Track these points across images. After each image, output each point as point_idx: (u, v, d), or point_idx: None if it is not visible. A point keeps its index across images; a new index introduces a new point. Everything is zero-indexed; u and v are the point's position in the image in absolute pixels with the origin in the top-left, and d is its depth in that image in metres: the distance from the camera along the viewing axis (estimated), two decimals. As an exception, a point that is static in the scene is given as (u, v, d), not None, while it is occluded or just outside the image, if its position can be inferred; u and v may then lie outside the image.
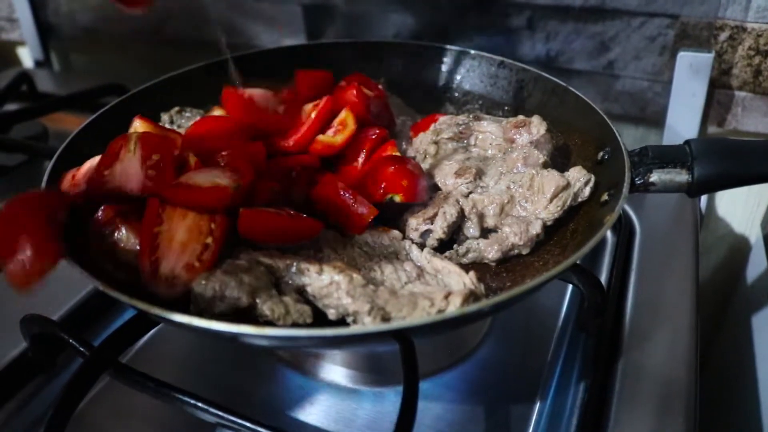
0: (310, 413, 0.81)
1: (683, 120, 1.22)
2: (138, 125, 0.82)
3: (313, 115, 0.87)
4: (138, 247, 0.69)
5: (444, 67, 1.15)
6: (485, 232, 0.82)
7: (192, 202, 0.71)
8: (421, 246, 0.78)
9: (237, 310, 0.64)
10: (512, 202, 0.82)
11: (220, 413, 0.68)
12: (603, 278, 0.99)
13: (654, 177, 0.79)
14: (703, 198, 1.25)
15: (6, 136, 1.34)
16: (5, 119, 1.35)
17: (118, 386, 0.76)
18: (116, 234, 0.72)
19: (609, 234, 1.08)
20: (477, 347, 0.89)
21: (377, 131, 0.88)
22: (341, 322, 0.66)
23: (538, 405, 0.82)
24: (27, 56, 1.89)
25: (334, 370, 0.86)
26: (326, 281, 0.66)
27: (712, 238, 1.38)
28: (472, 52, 1.12)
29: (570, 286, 1.00)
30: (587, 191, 0.82)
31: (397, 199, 0.79)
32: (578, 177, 0.82)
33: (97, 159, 0.78)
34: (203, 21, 1.57)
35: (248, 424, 0.67)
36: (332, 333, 0.57)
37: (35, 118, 1.41)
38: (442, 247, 0.80)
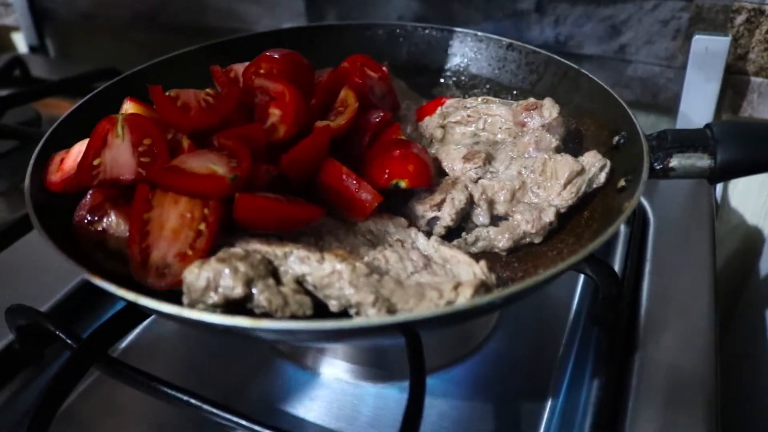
0: (310, 409, 0.78)
1: (697, 106, 1.18)
2: (129, 107, 0.78)
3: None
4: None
5: (450, 50, 1.11)
6: (495, 220, 0.78)
7: (184, 190, 0.67)
8: (428, 234, 0.74)
9: (232, 300, 0.60)
10: (524, 188, 0.78)
11: (215, 410, 0.65)
12: (616, 269, 0.95)
13: (674, 162, 0.75)
14: (718, 187, 1.21)
15: (-2, 122, 1.30)
16: (-4, 104, 1.31)
17: (108, 381, 0.74)
18: (105, 220, 0.69)
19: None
20: (485, 341, 0.86)
21: (381, 114, 0.84)
22: (343, 313, 0.63)
23: (549, 402, 0.78)
24: (21, 42, 1.86)
25: (336, 365, 0.82)
26: (327, 270, 0.62)
27: (725, 229, 1.34)
28: (480, 34, 1.08)
29: (582, 277, 0.96)
30: (603, 177, 0.78)
31: (403, 184, 0.75)
32: (593, 162, 0.78)
33: (86, 142, 0.74)
34: (200, 6, 1.54)
35: (245, 422, 0.64)
36: (334, 326, 0.53)
37: (28, 103, 1.37)
38: (450, 235, 0.76)
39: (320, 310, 0.63)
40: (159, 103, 0.75)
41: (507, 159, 0.82)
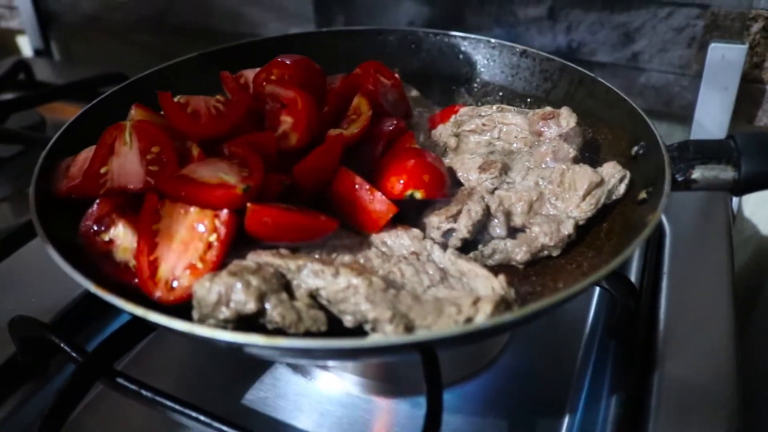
0: (320, 425, 0.76)
1: (713, 115, 1.16)
2: (136, 114, 0.76)
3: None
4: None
5: (462, 57, 1.09)
6: (512, 232, 0.76)
7: (194, 200, 0.65)
8: (444, 246, 0.71)
9: (244, 316, 0.58)
10: (541, 199, 0.76)
11: (224, 427, 0.63)
12: (632, 281, 0.93)
13: (696, 174, 0.73)
14: (735, 198, 1.19)
15: (1, 126, 1.28)
16: (0, 108, 1.30)
17: (113, 394, 0.71)
18: (112, 230, 0.67)
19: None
20: (499, 355, 0.83)
21: (394, 122, 0.82)
22: (358, 329, 0.60)
23: (566, 419, 0.76)
24: (26, 45, 1.84)
25: (346, 379, 0.80)
26: (343, 284, 0.60)
27: (738, 240, 1.32)
28: (493, 40, 1.07)
29: (597, 289, 0.94)
30: (622, 188, 0.77)
31: (418, 195, 0.73)
32: (612, 173, 0.77)
33: (93, 149, 0.72)
34: (207, 9, 1.52)
35: (254, 440, 0.62)
36: (352, 345, 0.51)
37: (32, 107, 1.36)
38: (465, 247, 0.74)
39: (334, 325, 0.62)
40: (168, 109, 0.73)
41: (523, 169, 0.80)
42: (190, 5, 1.55)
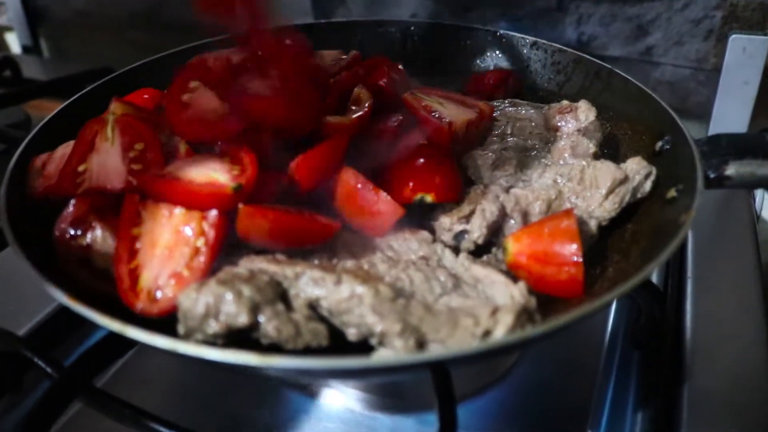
0: (319, 444, 0.70)
1: (732, 111, 1.12)
2: (116, 108, 0.69)
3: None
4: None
5: (469, 49, 1.04)
6: (530, 234, 0.70)
7: (180, 201, 0.59)
8: (455, 250, 0.66)
9: (235, 330, 0.52)
10: (560, 198, 0.70)
11: (214, 452, 0.57)
12: (654, 288, 0.88)
13: (730, 170, 0.68)
14: (758, 196, 1.14)
15: (-18, 123, 1.23)
16: (-19, 105, 1.25)
17: (92, 412, 0.65)
18: (90, 235, 0.61)
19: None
20: (513, 367, 0.78)
21: (400, 117, 0.76)
22: (363, 343, 0.54)
23: (589, 437, 0.70)
24: (15, 42, 1.80)
25: (347, 394, 0.75)
26: (346, 294, 0.54)
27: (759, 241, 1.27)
28: (501, 32, 1.03)
29: (616, 296, 0.88)
30: (648, 186, 0.71)
31: (429, 199, 0.66)
32: (637, 169, 0.71)
33: (71, 144, 0.67)
34: (201, 3, 1.47)
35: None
36: (357, 365, 0.45)
37: (16, 104, 1.32)
38: (478, 250, 0.68)
39: (336, 338, 0.56)
40: (169, 107, 0.66)
41: (540, 166, 0.74)
42: (182, 0, 1.50)
